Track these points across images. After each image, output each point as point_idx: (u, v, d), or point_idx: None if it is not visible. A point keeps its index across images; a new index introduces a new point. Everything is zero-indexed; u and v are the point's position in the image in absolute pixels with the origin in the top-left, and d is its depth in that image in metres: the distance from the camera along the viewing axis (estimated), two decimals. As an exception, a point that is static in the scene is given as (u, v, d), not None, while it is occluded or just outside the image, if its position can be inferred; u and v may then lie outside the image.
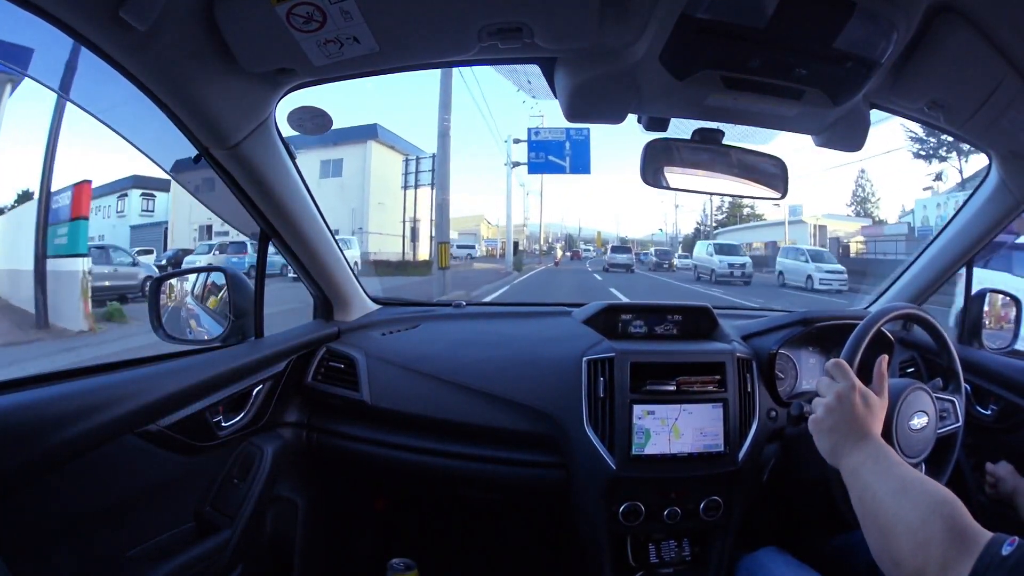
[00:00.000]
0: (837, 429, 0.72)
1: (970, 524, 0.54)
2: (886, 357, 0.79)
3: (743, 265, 13.98)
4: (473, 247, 33.42)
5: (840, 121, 0.95)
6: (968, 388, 1.19)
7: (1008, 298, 1.39)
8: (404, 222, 19.44)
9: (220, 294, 1.10)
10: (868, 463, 0.67)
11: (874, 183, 33.20)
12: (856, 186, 32.57)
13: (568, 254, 40.44)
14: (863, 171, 32.02)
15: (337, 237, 1.22)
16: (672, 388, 1.08)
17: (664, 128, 0.99)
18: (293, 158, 1.01)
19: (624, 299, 1.30)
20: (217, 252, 12.79)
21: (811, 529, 1.17)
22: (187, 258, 13.69)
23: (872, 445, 0.69)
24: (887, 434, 0.79)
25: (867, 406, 0.73)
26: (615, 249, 24.48)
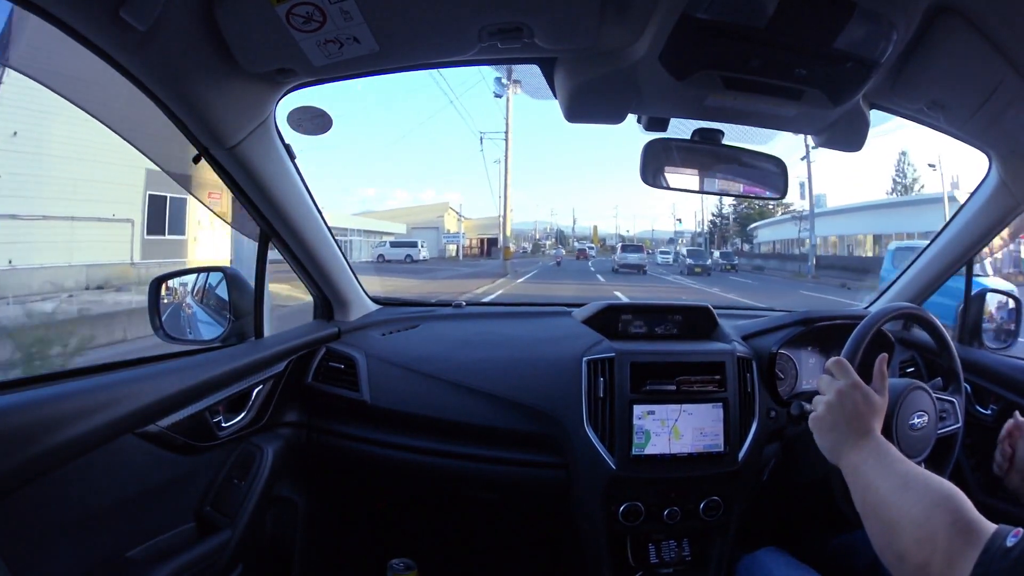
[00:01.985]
0: (838, 427, 0.73)
1: (974, 517, 0.54)
2: (886, 356, 0.79)
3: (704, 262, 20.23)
4: (415, 246, 24.14)
5: (840, 121, 0.95)
6: (968, 388, 1.19)
7: (1008, 297, 1.39)
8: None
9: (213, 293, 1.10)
10: (869, 460, 0.67)
11: (917, 168, 27.29)
12: (896, 171, 27.95)
13: (564, 252, 36.41)
14: (904, 153, 27.24)
15: None
16: (672, 388, 1.08)
17: (664, 128, 0.99)
18: (293, 158, 1.01)
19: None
20: None
21: (811, 529, 1.17)
22: None
23: (873, 442, 0.69)
24: (887, 434, 0.79)
25: (868, 404, 0.73)
26: (626, 248, 22.57)
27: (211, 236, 9.73)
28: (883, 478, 0.63)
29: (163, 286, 1.08)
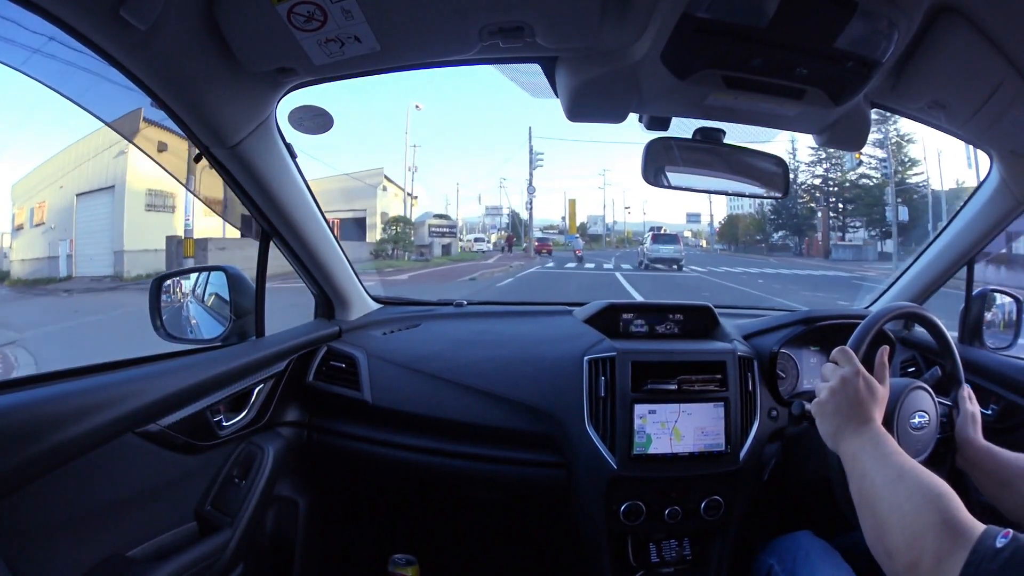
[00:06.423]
0: (840, 412, 0.73)
1: (964, 516, 0.54)
2: (887, 348, 0.80)
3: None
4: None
5: (841, 121, 0.95)
6: (969, 388, 1.19)
7: (1009, 297, 1.39)
8: None
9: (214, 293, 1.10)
10: (868, 448, 0.68)
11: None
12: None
13: (583, 245, 24.66)
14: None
15: None
16: (673, 387, 1.08)
17: (665, 127, 0.99)
18: (294, 158, 1.01)
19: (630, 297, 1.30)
20: None
21: (811, 529, 1.17)
22: None
23: (873, 431, 0.70)
24: (887, 431, 0.79)
25: (870, 392, 0.74)
26: (658, 238, 18.51)
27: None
28: (879, 468, 0.64)
29: (164, 285, 1.08)
